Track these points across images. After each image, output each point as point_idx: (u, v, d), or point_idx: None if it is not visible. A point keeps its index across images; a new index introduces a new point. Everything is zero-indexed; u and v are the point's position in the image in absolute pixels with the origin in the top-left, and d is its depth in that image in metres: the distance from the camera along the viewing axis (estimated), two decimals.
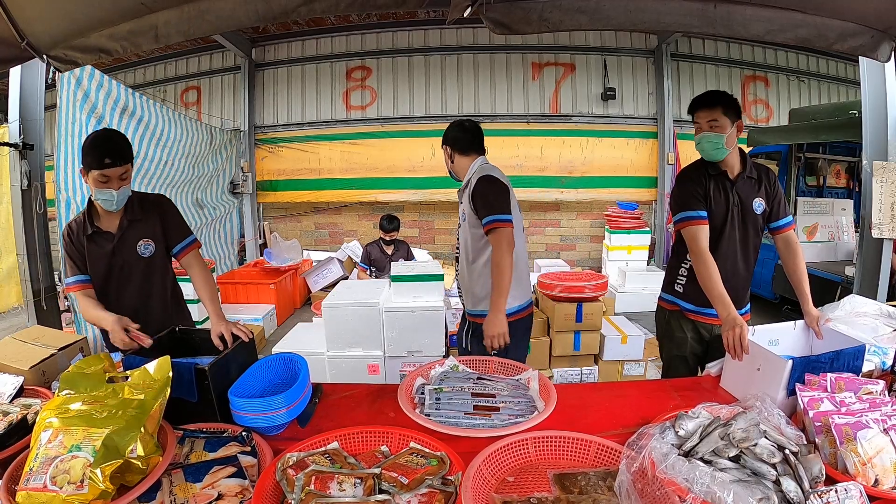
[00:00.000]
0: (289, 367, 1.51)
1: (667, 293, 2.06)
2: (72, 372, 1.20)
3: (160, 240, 1.86)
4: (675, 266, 2.01)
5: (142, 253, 1.82)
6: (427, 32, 6.54)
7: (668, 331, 2.04)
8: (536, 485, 1.07)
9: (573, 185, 6.54)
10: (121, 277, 1.81)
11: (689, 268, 1.93)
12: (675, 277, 2.01)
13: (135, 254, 1.81)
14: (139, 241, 1.81)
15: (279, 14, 1.91)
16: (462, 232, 2.06)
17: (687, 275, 1.95)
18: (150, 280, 1.87)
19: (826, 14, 2.03)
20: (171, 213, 1.91)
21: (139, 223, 1.82)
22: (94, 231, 1.78)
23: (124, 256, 1.80)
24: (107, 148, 1.67)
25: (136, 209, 1.82)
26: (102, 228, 1.80)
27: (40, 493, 0.92)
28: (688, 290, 1.96)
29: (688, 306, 1.96)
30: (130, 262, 1.81)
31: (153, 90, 6.91)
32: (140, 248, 1.81)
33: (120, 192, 1.70)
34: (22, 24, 1.94)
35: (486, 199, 1.88)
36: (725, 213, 1.85)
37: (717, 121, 1.77)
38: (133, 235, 1.81)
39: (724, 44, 6.74)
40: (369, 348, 3.10)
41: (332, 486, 0.99)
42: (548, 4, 1.90)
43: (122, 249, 1.80)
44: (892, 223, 2.77)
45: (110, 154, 1.66)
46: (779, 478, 1.00)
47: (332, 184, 6.68)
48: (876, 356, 1.50)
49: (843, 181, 5.48)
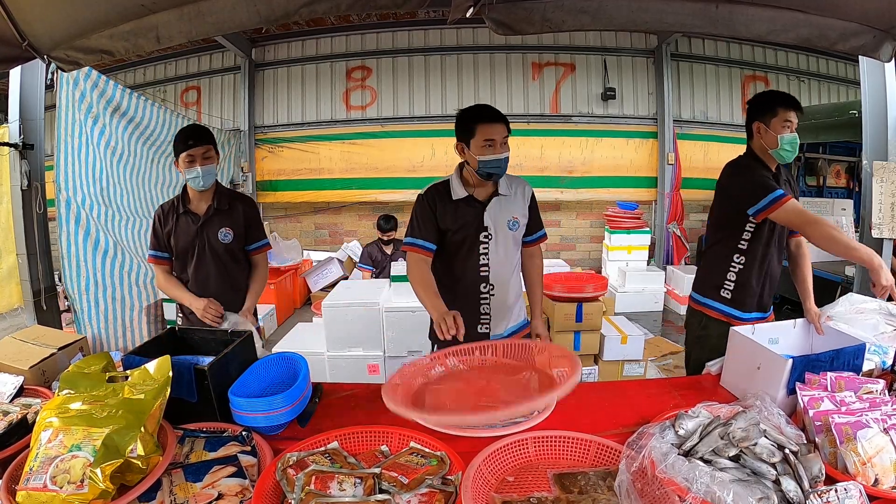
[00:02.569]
0: (289, 366, 1.51)
1: (708, 298, 1.96)
2: (72, 371, 1.20)
3: (240, 233, 2.11)
4: (722, 266, 1.91)
5: (222, 239, 2.06)
6: (427, 32, 6.54)
7: (704, 338, 1.96)
8: (536, 484, 1.07)
9: (573, 185, 6.53)
10: (202, 256, 2.06)
11: (739, 270, 1.88)
12: (721, 280, 1.92)
13: (216, 238, 2.05)
14: (221, 228, 2.06)
15: (281, 15, 1.91)
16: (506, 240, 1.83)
17: (736, 278, 1.89)
18: (226, 265, 2.10)
19: (828, 14, 2.03)
20: (254, 215, 2.18)
21: (225, 213, 2.08)
22: (184, 211, 2.05)
23: (207, 238, 2.05)
24: (189, 132, 1.97)
25: (223, 199, 2.09)
26: (192, 210, 2.06)
27: (40, 493, 0.92)
28: (736, 295, 1.90)
29: (736, 313, 1.89)
30: (212, 245, 2.05)
31: (153, 90, 6.91)
32: (221, 234, 2.06)
33: (204, 170, 1.95)
34: (23, 25, 1.94)
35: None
36: None
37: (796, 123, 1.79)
38: (217, 221, 2.06)
39: (724, 44, 6.73)
40: (369, 348, 3.10)
41: (332, 485, 0.99)
42: (550, 4, 1.90)
43: (205, 231, 2.05)
44: (892, 223, 2.77)
45: (192, 136, 1.95)
46: (778, 477, 1.00)
47: (332, 184, 6.67)
48: (876, 355, 1.50)
49: (843, 181, 5.49)
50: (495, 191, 1.81)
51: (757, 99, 1.89)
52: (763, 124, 1.82)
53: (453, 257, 1.81)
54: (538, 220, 1.96)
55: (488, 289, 1.83)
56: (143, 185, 4.21)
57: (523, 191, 1.90)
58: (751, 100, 1.91)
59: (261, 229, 2.21)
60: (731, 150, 6.20)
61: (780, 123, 1.78)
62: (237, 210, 2.11)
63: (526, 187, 1.92)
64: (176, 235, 2.05)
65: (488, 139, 1.69)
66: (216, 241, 2.05)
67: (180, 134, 1.98)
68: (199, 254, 2.05)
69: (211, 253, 2.06)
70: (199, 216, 2.05)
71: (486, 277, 1.82)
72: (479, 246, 1.80)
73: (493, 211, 1.80)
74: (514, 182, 1.88)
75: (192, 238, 2.04)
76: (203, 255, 2.06)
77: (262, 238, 2.21)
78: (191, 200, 2.07)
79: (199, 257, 2.06)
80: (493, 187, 1.81)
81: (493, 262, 1.82)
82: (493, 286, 1.83)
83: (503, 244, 1.82)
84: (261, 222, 2.22)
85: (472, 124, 1.72)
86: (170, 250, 2.09)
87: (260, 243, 2.20)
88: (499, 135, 1.70)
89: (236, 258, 2.13)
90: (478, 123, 1.71)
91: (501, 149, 1.71)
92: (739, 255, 1.89)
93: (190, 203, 2.07)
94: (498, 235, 1.81)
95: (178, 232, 2.05)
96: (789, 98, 1.80)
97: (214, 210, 2.06)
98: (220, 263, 2.09)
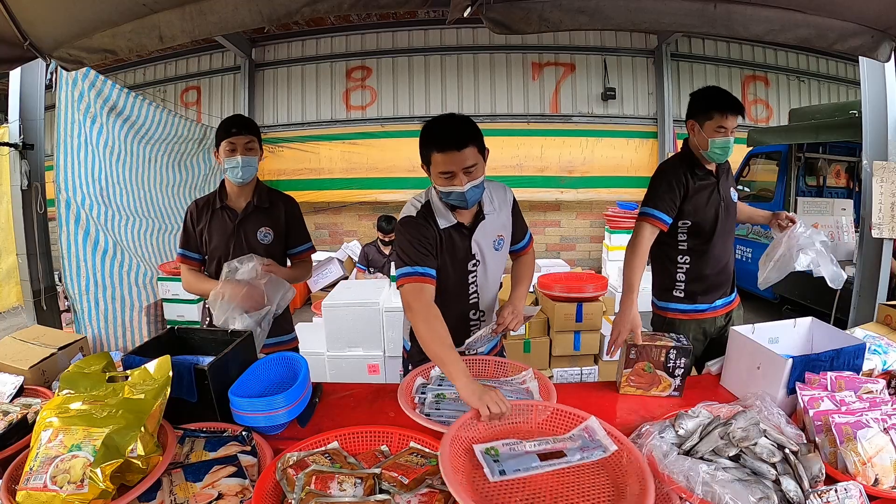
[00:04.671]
0: (289, 366, 1.51)
1: (663, 300, 2.00)
2: (72, 371, 1.20)
3: (280, 235, 1.93)
4: (670, 269, 1.95)
5: (261, 240, 1.89)
6: (427, 32, 6.54)
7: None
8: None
9: (573, 185, 6.53)
10: (237, 256, 1.83)
11: (687, 270, 1.92)
12: (672, 283, 1.96)
13: (254, 238, 1.88)
14: (260, 228, 1.89)
15: (283, 15, 1.91)
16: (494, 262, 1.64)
17: (685, 277, 1.93)
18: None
19: (826, 14, 2.03)
20: (296, 216, 1.99)
21: (265, 211, 1.91)
22: (221, 206, 1.88)
23: (244, 237, 1.87)
24: (233, 120, 1.84)
25: (263, 197, 1.91)
26: (230, 206, 1.89)
27: (40, 493, 0.92)
28: (687, 291, 1.93)
29: (688, 308, 1.94)
30: (250, 244, 1.87)
31: (153, 90, 6.92)
32: (260, 234, 1.89)
33: (245, 160, 1.80)
34: (24, 25, 1.94)
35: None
36: (716, 210, 1.85)
37: (734, 127, 1.77)
38: (256, 220, 1.89)
39: (724, 44, 6.74)
40: (369, 348, 3.10)
41: (332, 485, 0.99)
42: (548, 4, 1.90)
43: (243, 229, 1.87)
44: (892, 223, 2.77)
45: (236, 124, 1.82)
46: (778, 477, 1.00)
47: (332, 184, 6.68)
48: (876, 355, 1.50)
49: (843, 181, 5.48)
50: (479, 211, 1.56)
51: (696, 96, 1.84)
52: (697, 124, 1.82)
53: (442, 291, 1.55)
54: (522, 226, 1.73)
55: (478, 315, 1.67)
56: (142, 186, 4.21)
57: (505, 198, 1.65)
58: (692, 94, 1.86)
59: (304, 231, 2.01)
60: None
61: (713, 127, 1.76)
62: (279, 209, 1.93)
63: (507, 193, 1.67)
64: (210, 232, 1.88)
65: (443, 172, 1.40)
66: (255, 240, 1.88)
67: (223, 122, 1.85)
68: (234, 253, 1.85)
69: (249, 253, 1.85)
70: (237, 213, 1.88)
71: (476, 304, 1.65)
72: (468, 276, 1.59)
73: (479, 235, 1.57)
74: (496, 192, 1.63)
75: (227, 236, 1.87)
76: (239, 256, 1.85)
77: (306, 241, 2.00)
78: (229, 196, 1.90)
79: (235, 257, 1.84)
80: (478, 207, 1.56)
81: (481, 287, 1.64)
82: (483, 312, 1.68)
83: (491, 267, 1.63)
84: (304, 224, 2.02)
85: (425, 150, 1.44)
86: (201, 251, 1.91)
87: (304, 247, 1.99)
88: (457, 165, 1.38)
89: (279, 261, 1.92)
90: (431, 151, 1.41)
91: (465, 179, 1.39)
92: (682, 256, 1.92)
93: (228, 199, 1.89)
94: (486, 260, 1.61)
95: (213, 228, 1.87)
96: (728, 102, 1.75)
97: (254, 207, 1.89)
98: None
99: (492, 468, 1.03)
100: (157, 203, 4.42)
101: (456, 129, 1.40)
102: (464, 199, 1.43)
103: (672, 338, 1.50)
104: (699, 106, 1.82)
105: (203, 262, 1.93)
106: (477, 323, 1.68)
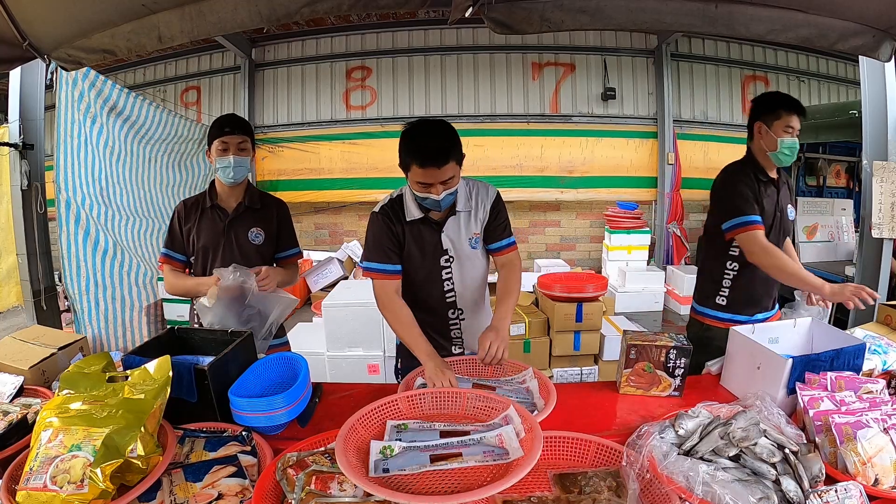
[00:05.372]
0: (289, 366, 1.51)
1: (704, 306, 1.99)
2: (72, 371, 1.20)
3: (272, 237, 1.93)
4: (716, 275, 1.93)
5: (252, 240, 1.89)
6: (427, 32, 6.54)
7: (704, 343, 1.94)
8: (536, 484, 1.07)
9: (573, 185, 6.53)
10: (227, 257, 1.85)
11: (734, 277, 1.90)
12: (717, 289, 1.94)
13: (245, 238, 1.88)
14: (251, 228, 1.89)
15: (282, 15, 1.91)
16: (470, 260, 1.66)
17: (731, 284, 1.91)
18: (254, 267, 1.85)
19: (827, 13, 2.03)
20: (287, 220, 2.00)
21: (256, 212, 1.91)
22: (212, 205, 1.87)
23: (235, 236, 1.87)
24: (226, 119, 1.84)
25: (255, 198, 1.92)
26: (221, 205, 1.89)
27: (40, 493, 0.92)
28: (733, 301, 1.92)
29: (728, 317, 1.91)
30: (240, 244, 1.88)
31: (153, 90, 6.91)
32: (251, 234, 1.89)
33: (237, 161, 1.80)
34: (24, 25, 1.94)
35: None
36: (771, 221, 1.85)
37: (798, 129, 1.78)
38: (247, 220, 1.89)
39: (724, 44, 6.73)
40: (369, 348, 3.10)
41: (332, 485, 0.99)
42: (549, 4, 1.90)
43: (234, 229, 1.87)
44: (892, 223, 2.77)
45: (229, 124, 1.81)
46: (778, 477, 1.00)
47: (333, 184, 6.67)
48: (876, 355, 1.50)
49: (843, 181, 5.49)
50: (452, 208, 1.60)
51: (761, 99, 1.88)
52: (765, 125, 1.82)
53: (414, 284, 1.62)
54: (504, 225, 1.68)
55: (457, 314, 1.68)
56: (142, 186, 4.21)
57: (487, 196, 1.65)
58: (755, 98, 1.90)
59: (293, 236, 2.01)
60: (731, 150, 6.23)
61: (781, 127, 1.78)
62: (270, 211, 1.93)
63: (489, 191, 1.67)
64: (198, 231, 1.86)
65: (421, 182, 1.46)
66: (245, 241, 1.87)
67: (216, 121, 1.84)
68: (223, 254, 1.85)
69: (240, 253, 1.86)
70: (228, 212, 1.87)
71: (454, 303, 1.66)
72: (441, 271, 1.62)
73: (450, 231, 1.60)
74: (475, 191, 1.64)
75: (217, 235, 1.85)
76: (229, 256, 1.85)
77: (294, 246, 2.00)
78: (219, 195, 1.89)
79: (224, 257, 1.85)
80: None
81: (458, 286, 1.64)
82: (463, 310, 1.68)
83: (468, 265, 1.64)
84: (293, 229, 2.02)
85: (405, 158, 1.48)
86: (186, 252, 1.89)
87: (292, 251, 1.99)
88: (435, 179, 1.44)
89: (267, 264, 1.92)
90: (411, 163, 1.46)
91: (441, 188, 1.46)
92: (732, 262, 1.91)
93: (218, 198, 1.89)
94: (461, 257, 1.62)
95: (202, 227, 1.86)
96: (794, 102, 1.79)
97: (245, 208, 1.88)
98: (249, 266, 1.84)
99: (376, 465, 1.02)
100: (157, 203, 4.42)
101: (437, 146, 1.44)
102: (438, 205, 1.52)
103: (672, 338, 1.51)
104: (766, 106, 1.83)
105: (187, 263, 1.91)
106: (457, 322, 1.70)
